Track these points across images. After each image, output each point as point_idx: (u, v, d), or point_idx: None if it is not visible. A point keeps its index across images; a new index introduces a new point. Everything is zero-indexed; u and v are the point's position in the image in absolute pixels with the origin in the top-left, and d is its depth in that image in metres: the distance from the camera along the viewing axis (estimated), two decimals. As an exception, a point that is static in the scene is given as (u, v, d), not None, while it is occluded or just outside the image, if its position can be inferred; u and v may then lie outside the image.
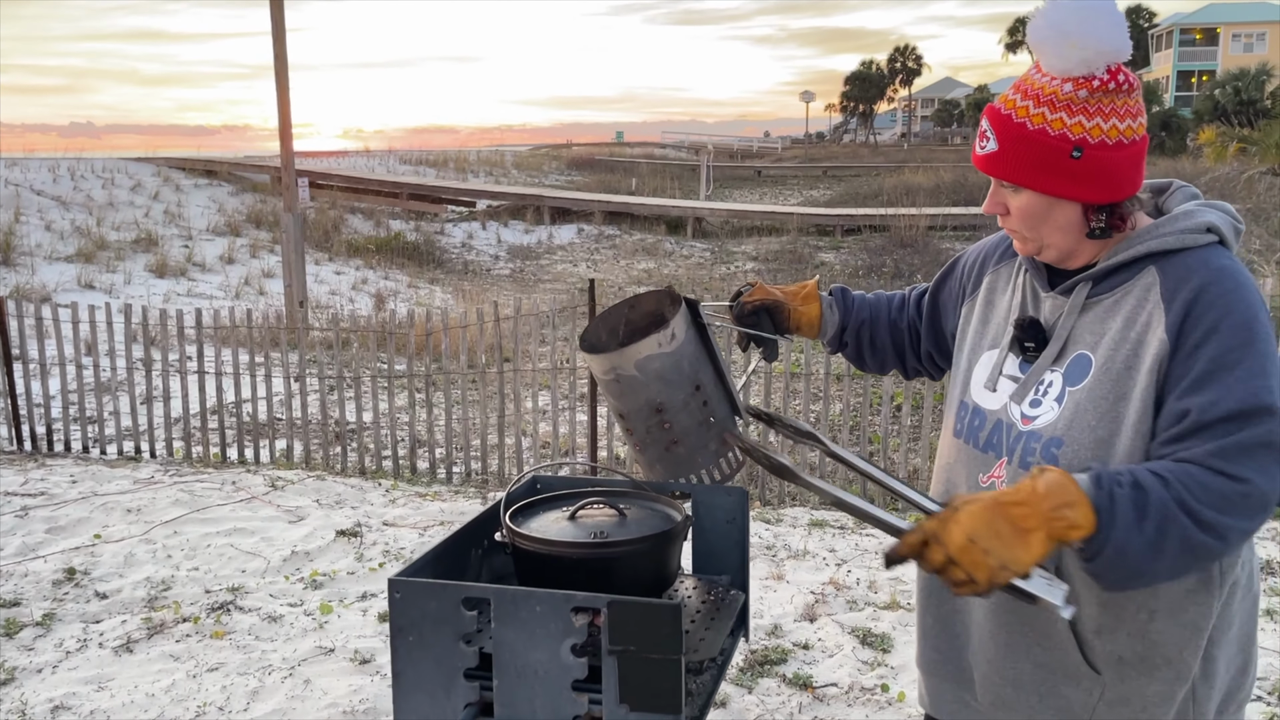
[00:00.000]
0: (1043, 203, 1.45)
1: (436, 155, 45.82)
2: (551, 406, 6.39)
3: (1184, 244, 1.42)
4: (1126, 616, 1.45)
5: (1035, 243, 1.50)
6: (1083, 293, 1.48)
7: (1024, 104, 1.43)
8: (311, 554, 4.90)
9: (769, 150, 70.03)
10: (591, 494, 2.07)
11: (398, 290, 16.45)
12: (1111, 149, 1.41)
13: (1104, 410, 1.41)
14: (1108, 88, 1.40)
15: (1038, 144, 1.41)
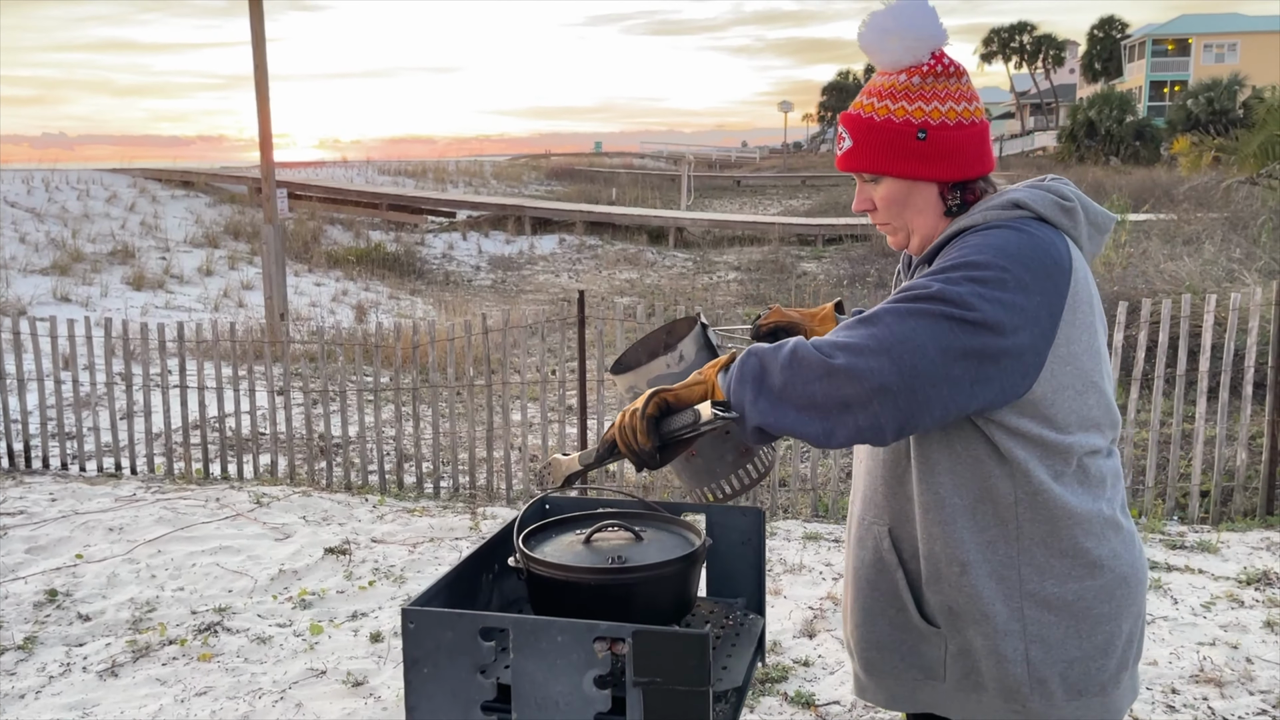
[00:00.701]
0: (901, 188, 1.56)
1: (415, 166, 45.65)
2: (540, 419, 6.32)
3: (987, 220, 1.50)
4: (942, 569, 1.55)
5: (903, 230, 1.61)
6: (920, 273, 1.55)
7: (869, 101, 1.57)
8: (299, 572, 4.81)
9: (747, 160, 70.27)
10: (606, 515, 2.01)
11: (379, 302, 16.33)
12: (953, 129, 1.53)
13: None
14: (935, 71, 1.54)
15: (886, 131, 1.54)
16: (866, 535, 1.66)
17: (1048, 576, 1.52)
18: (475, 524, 5.58)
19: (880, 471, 1.63)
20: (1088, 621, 1.54)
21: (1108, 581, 1.55)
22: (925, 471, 1.55)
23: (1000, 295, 1.39)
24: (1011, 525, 1.52)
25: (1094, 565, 1.54)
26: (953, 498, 1.54)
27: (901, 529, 1.60)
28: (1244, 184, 14.11)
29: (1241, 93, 42.56)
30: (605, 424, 6.31)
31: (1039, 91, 76.50)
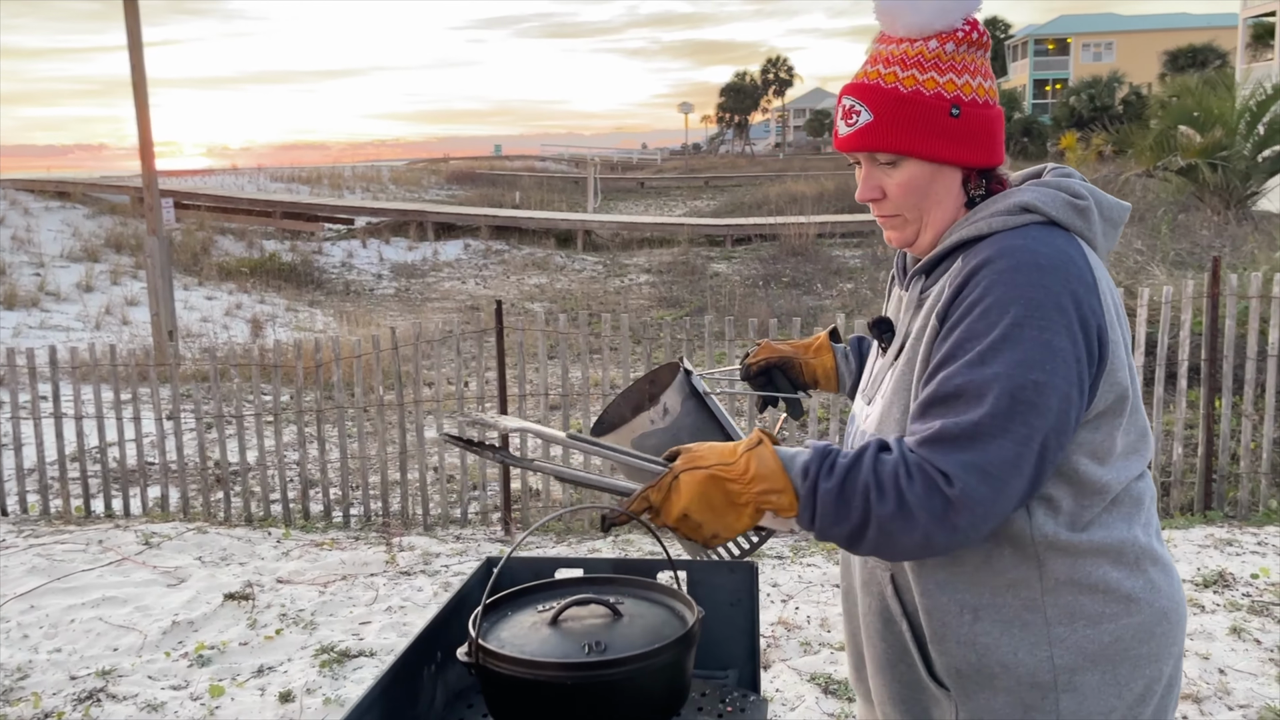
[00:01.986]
0: (925, 172, 1.36)
1: (309, 172, 44.33)
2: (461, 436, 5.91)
3: (992, 228, 1.33)
4: (950, 620, 1.37)
5: (916, 223, 1.40)
6: (917, 287, 1.42)
7: (890, 70, 1.35)
8: (196, 623, 4.33)
9: (648, 162, 70.40)
10: (569, 585, 1.67)
11: (275, 314, 15.58)
12: (982, 108, 1.36)
13: (903, 406, 1.36)
14: (971, 38, 1.36)
15: (916, 104, 1.33)
16: (871, 580, 1.48)
17: (1078, 618, 1.34)
18: (391, 556, 5.15)
19: None
20: (1126, 666, 1.35)
21: (1146, 619, 1.36)
22: None
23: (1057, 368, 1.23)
24: (1033, 564, 1.34)
25: (1130, 600, 1.35)
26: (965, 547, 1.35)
27: (902, 578, 1.42)
28: (1141, 177, 14.44)
29: (1120, 90, 44.21)
30: (526, 439, 5.94)
31: (929, 91, 78.46)
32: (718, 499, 1.25)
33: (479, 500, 6.25)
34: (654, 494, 1.26)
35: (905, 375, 1.37)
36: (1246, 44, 39.01)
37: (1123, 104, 42.31)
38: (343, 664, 3.94)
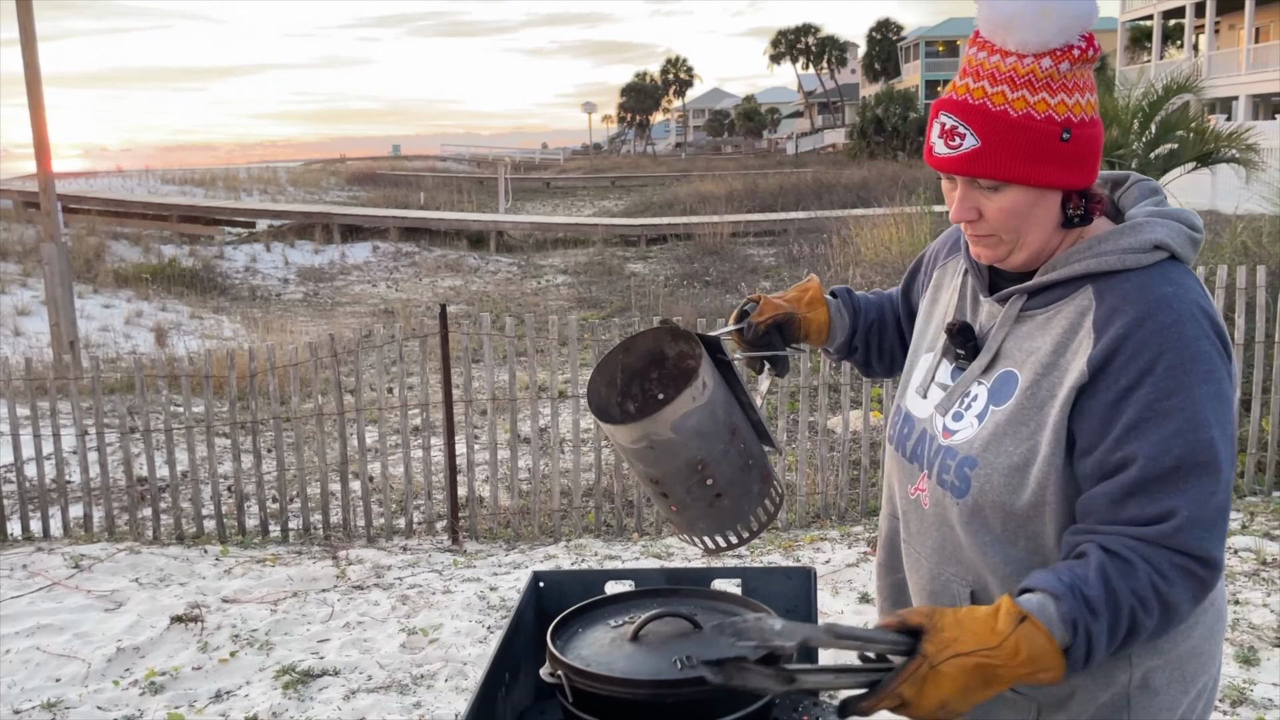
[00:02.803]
0: (1029, 198, 1.30)
1: (202, 174, 42.86)
2: (403, 445, 5.77)
3: (1125, 264, 1.30)
4: None
5: (1011, 244, 1.35)
6: (1017, 305, 1.38)
7: (997, 90, 1.27)
8: (142, 649, 4.12)
9: (551, 162, 70.13)
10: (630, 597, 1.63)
11: (179, 322, 15.00)
12: (1089, 125, 1.31)
13: (1023, 438, 1.32)
14: (1087, 56, 1.28)
15: (1027, 131, 1.27)
16: (943, 592, 1.45)
17: None
18: (341, 571, 5.00)
19: (973, 532, 1.39)
20: (1193, 664, 1.39)
21: (1211, 619, 1.41)
22: (1038, 537, 1.35)
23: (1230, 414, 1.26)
24: None
25: (1209, 602, 1.40)
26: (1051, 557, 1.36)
27: (988, 594, 1.39)
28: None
29: (1009, 90, 45.78)
30: (474, 447, 5.84)
31: (825, 91, 79.98)
32: (978, 684, 1.15)
33: (422, 510, 6.11)
34: (908, 689, 1.14)
35: (1026, 409, 1.33)
36: (1125, 46, 40.83)
37: (1012, 104, 43.79)
38: (306, 684, 3.80)
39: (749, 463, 1.55)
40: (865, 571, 4.67)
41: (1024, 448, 1.32)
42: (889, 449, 1.58)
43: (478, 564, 5.17)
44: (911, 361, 1.58)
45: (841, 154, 50.95)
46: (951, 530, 1.42)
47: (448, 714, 3.56)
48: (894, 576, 1.60)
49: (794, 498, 5.87)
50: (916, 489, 1.48)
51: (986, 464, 1.35)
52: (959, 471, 1.38)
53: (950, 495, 1.40)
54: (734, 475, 1.52)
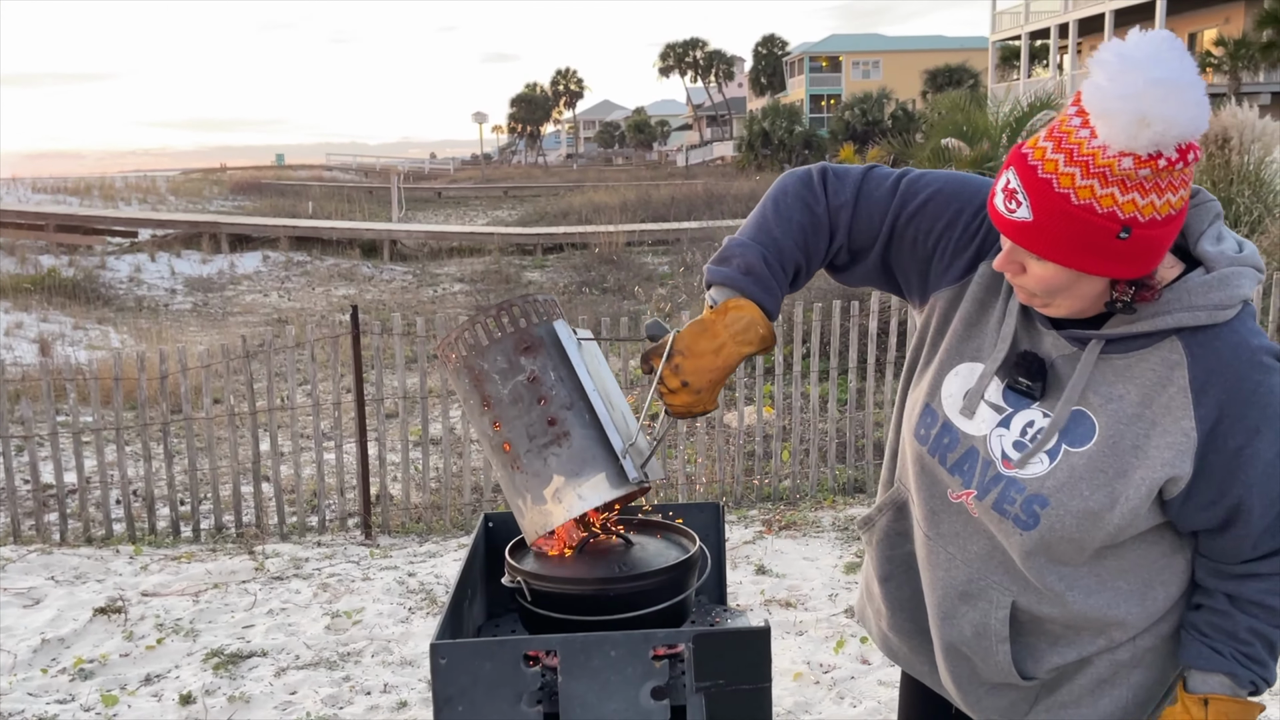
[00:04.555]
0: (1069, 276, 1.30)
1: (76, 182, 41.30)
2: (315, 446, 5.92)
3: (1215, 320, 1.33)
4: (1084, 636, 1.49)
5: (1044, 302, 1.37)
6: (1097, 348, 1.37)
7: (1068, 170, 1.23)
8: (67, 640, 4.22)
9: (441, 171, 69.53)
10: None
11: (63, 333, 14.59)
12: (1160, 225, 1.25)
13: (1100, 484, 1.36)
14: (1174, 167, 1.22)
15: (1081, 222, 1.24)
16: (981, 596, 1.51)
17: None
18: (260, 564, 5.14)
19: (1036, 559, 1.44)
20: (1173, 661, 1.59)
21: None
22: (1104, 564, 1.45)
23: None
24: (1181, 598, 1.50)
25: None
26: (1117, 580, 1.46)
27: (1035, 608, 1.48)
28: (919, 186, 15.77)
29: (889, 105, 47.51)
30: (385, 448, 6.02)
31: (713, 104, 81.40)
32: None
33: (334, 508, 6.27)
34: None
35: (1106, 455, 1.37)
36: (996, 64, 42.86)
37: (892, 118, 45.45)
38: (237, 664, 3.98)
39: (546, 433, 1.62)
40: (760, 548, 5.05)
41: (1101, 494, 1.36)
42: (915, 445, 1.54)
43: (393, 555, 5.37)
44: (945, 364, 1.51)
45: (730, 166, 51.98)
46: (1004, 550, 1.47)
47: (377, 684, 3.78)
48: (907, 547, 1.64)
49: (693, 486, 6.23)
50: (958, 496, 1.48)
51: (1060, 505, 1.37)
52: (1026, 507, 1.40)
53: (1013, 525, 1.42)
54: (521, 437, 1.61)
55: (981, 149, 13.99)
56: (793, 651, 3.89)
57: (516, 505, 1.63)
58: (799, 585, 4.55)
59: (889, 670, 3.72)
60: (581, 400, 1.59)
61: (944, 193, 1.51)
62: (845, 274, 1.62)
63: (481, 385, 1.61)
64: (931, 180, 1.53)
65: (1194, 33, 32.59)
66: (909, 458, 1.58)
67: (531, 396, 1.59)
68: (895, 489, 1.65)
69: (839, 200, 1.54)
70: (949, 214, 1.50)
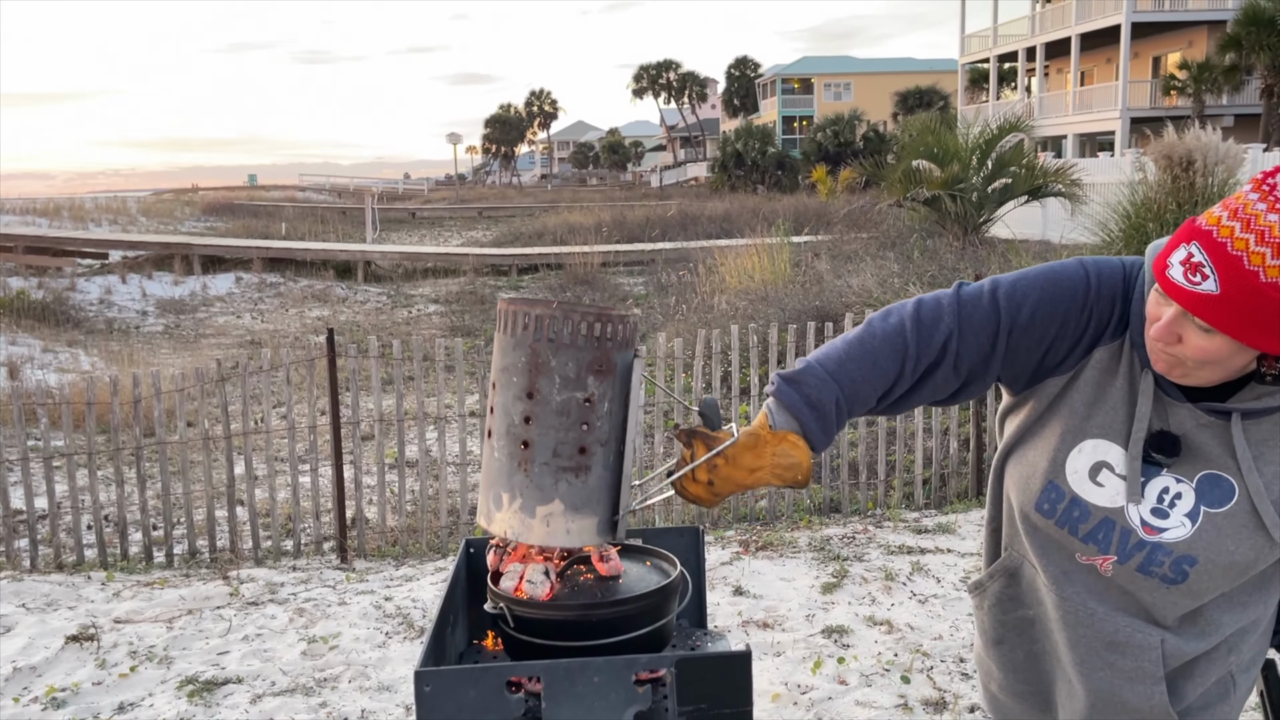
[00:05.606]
0: (1232, 349, 1.34)
1: (45, 204, 40.95)
2: (290, 469, 5.89)
3: None
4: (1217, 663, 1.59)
5: (1187, 370, 1.39)
6: (1238, 423, 1.43)
7: (1259, 250, 1.26)
8: (39, 668, 4.17)
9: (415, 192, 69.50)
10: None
11: (32, 356, 14.43)
12: None
13: (1244, 538, 1.46)
14: None
15: (1268, 300, 1.27)
16: (1129, 643, 1.55)
17: None
18: (234, 589, 5.09)
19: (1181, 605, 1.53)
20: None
21: None
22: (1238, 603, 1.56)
23: None
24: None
25: None
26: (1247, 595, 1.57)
27: (1180, 646, 1.55)
28: (892, 207, 15.93)
29: (860, 127, 47.98)
30: (361, 471, 6.00)
31: (687, 125, 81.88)
32: None
33: (309, 531, 6.23)
34: None
35: (1250, 513, 1.46)
36: (965, 87, 43.43)
37: (863, 140, 45.91)
38: (212, 691, 3.94)
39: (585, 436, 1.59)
40: (738, 569, 5.07)
41: (1246, 546, 1.46)
42: (1040, 520, 1.57)
43: (369, 579, 5.35)
44: (1066, 442, 1.54)
45: (704, 187, 52.29)
46: (1147, 599, 1.54)
47: (354, 710, 3.76)
48: (1021, 612, 1.70)
49: (670, 508, 6.24)
50: (1090, 559, 1.55)
51: (1208, 561, 1.47)
52: (1176, 567, 1.48)
53: (1159, 582, 1.51)
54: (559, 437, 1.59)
55: (952, 170, 14.17)
56: (771, 673, 3.91)
57: (498, 494, 1.59)
58: (776, 606, 4.57)
59: (866, 691, 3.75)
60: (618, 444, 1.58)
61: (1046, 299, 1.52)
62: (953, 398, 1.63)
63: (536, 376, 1.54)
64: (1027, 289, 1.53)
65: (1158, 56, 33.20)
66: (1031, 530, 1.61)
67: (578, 417, 1.55)
68: (1007, 556, 1.69)
69: (939, 337, 1.54)
70: (1058, 320, 1.52)
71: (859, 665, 3.96)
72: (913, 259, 12.97)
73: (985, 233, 14.86)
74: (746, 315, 10.39)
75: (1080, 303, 1.51)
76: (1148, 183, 9.93)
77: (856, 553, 5.23)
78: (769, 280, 12.73)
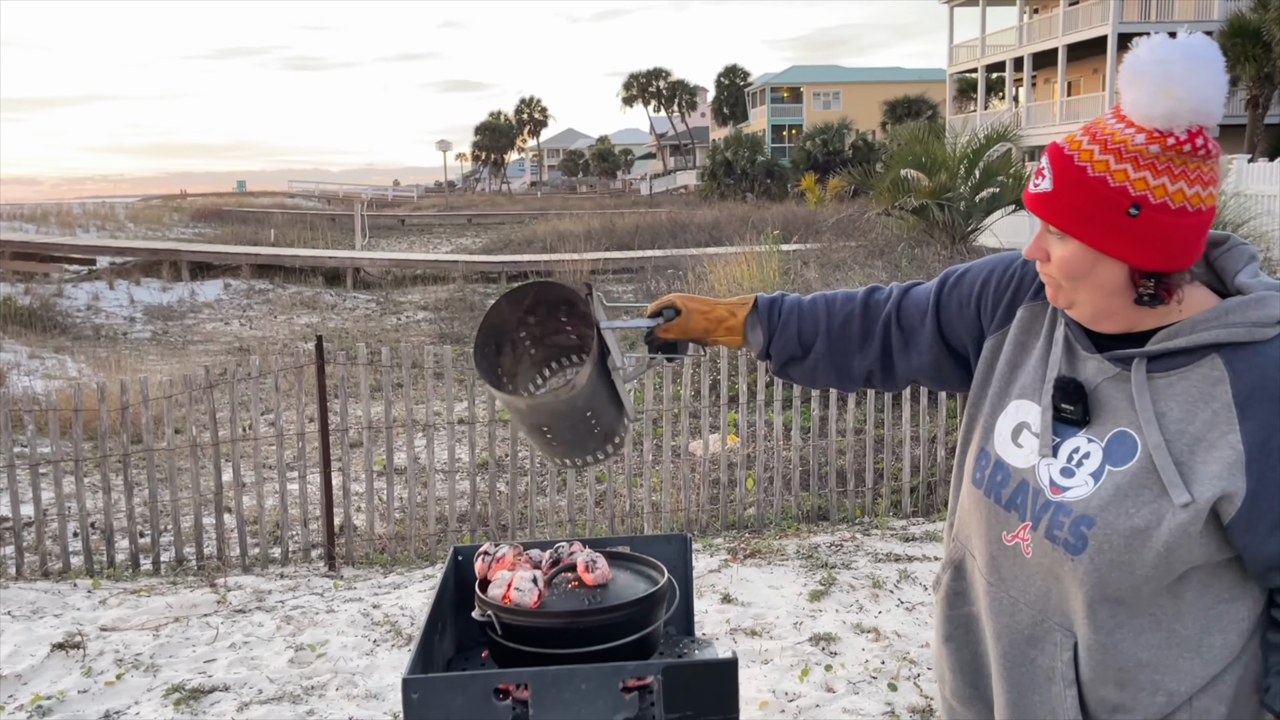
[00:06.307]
0: (1088, 257, 1.36)
1: (31, 209, 40.84)
2: (279, 476, 5.88)
3: (1254, 337, 1.35)
4: (1143, 698, 1.43)
5: (1070, 296, 1.42)
6: (1142, 367, 1.40)
7: (1090, 148, 1.34)
8: (24, 675, 4.15)
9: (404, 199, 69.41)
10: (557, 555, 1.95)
11: (19, 362, 14.37)
12: (1174, 214, 1.32)
13: (1145, 501, 1.36)
14: (1181, 149, 1.31)
15: (1093, 192, 1.33)
16: (1046, 639, 1.49)
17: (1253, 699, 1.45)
18: (221, 597, 5.08)
19: (1089, 584, 1.41)
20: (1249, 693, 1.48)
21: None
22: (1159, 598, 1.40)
23: None
24: (1244, 658, 1.42)
25: None
26: (1181, 628, 1.41)
27: (1095, 654, 1.44)
28: (880, 216, 15.99)
29: (849, 136, 48.13)
30: (350, 477, 6.00)
31: (676, 133, 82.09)
32: None
33: (297, 539, 6.22)
34: None
35: (1150, 471, 1.37)
36: (953, 96, 43.68)
37: (852, 149, 46.03)
38: (199, 699, 3.93)
39: (594, 429, 1.79)
40: (726, 577, 5.08)
41: (1147, 510, 1.35)
42: (972, 491, 1.56)
43: (358, 586, 5.34)
44: (995, 406, 1.56)
45: (694, 195, 52.36)
46: (1060, 584, 1.45)
47: (341, 718, 3.76)
48: (966, 608, 1.63)
49: (659, 515, 6.25)
50: (1014, 537, 1.48)
51: (1105, 524, 1.37)
52: (1074, 529, 1.40)
53: (1064, 551, 1.42)
54: (574, 438, 1.81)
55: (940, 180, 14.24)
56: (758, 680, 3.92)
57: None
58: (764, 614, 4.58)
59: (854, 699, 3.76)
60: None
61: (979, 264, 1.66)
62: (905, 356, 1.72)
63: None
64: (969, 262, 1.70)
65: (1145, 67, 33.39)
66: (969, 506, 1.59)
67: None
68: (954, 546, 1.65)
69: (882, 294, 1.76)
70: (984, 274, 1.63)
71: (846, 673, 3.97)
72: (900, 267, 13.02)
73: (973, 241, 14.92)
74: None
75: (1007, 261, 1.62)
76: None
77: (844, 560, 5.24)
78: (758, 288, 12.76)
